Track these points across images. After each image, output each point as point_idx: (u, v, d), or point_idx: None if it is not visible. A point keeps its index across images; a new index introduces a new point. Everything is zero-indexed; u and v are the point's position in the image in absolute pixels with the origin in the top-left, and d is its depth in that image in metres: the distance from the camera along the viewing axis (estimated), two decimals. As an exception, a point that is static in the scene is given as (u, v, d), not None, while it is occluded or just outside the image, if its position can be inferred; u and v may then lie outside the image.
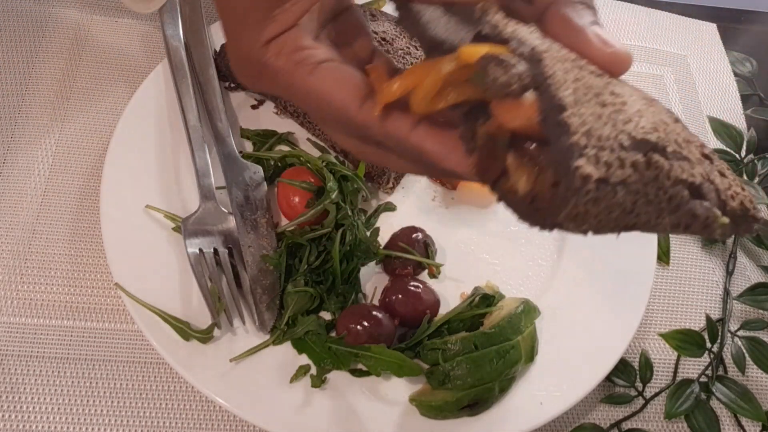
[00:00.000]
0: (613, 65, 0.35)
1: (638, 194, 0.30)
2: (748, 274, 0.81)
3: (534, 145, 0.32)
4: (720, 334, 0.73)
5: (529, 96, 0.31)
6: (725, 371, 0.74)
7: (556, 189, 0.29)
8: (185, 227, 0.66)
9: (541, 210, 0.31)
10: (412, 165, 0.42)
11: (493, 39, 0.34)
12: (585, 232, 0.31)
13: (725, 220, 0.32)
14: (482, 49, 0.33)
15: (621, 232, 0.32)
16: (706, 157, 0.34)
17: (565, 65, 0.33)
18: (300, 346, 0.63)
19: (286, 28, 0.39)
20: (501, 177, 0.34)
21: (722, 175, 0.34)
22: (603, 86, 0.32)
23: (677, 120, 0.36)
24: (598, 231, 0.31)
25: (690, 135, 0.35)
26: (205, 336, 0.61)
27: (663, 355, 0.74)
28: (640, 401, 0.70)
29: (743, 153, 0.89)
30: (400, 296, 0.66)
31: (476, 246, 0.75)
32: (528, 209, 0.32)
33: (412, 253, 0.69)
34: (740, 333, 0.74)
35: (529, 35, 0.34)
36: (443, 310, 0.67)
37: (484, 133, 0.34)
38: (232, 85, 0.80)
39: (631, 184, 0.30)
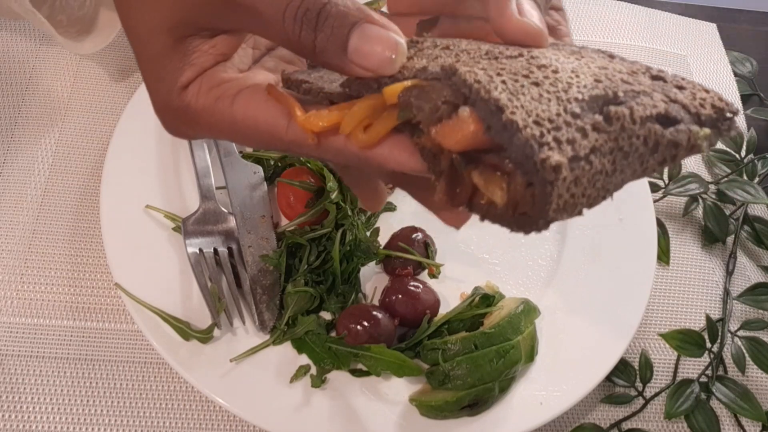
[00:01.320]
0: (526, 36, 0.35)
1: (613, 152, 0.29)
2: (748, 274, 0.81)
3: (491, 155, 0.31)
4: (720, 334, 0.73)
5: (464, 111, 0.30)
6: (725, 371, 0.74)
7: (533, 189, 0.29)
8: (185, 227, 0.66)
9: (527, 214, 0.30)
10: (359, 169, 0.41)
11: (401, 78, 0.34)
12: (580, 213, 0.30)
13: (706, 131, 0.31)
14: (399, 87, 0.33)
15: (613, 193, 0.31)
16: (657, 78, 0.33)
17: (481, 64, 0.32)
18: (300, 346, 0.63)
19: (204, 69, 0.38)
20: (473, 197, 0.32)
21: (681, 87, 0.33)
22: (527, 65, 0.32)
23: (612, 56, 0.36)
24: (591, 205, 0.30)
25: (632, 65, 0.34)
26: (205, 336, 0.61)
27: (663, 355, 0.74)
28: (640, 401, 0.70)
29: (743, 153, 0.89)
30: (400, 296, 0.66)
31: (476, 246, 0.75)
32: (515, 218, 0.31)
33: (412, 253, 0.69)
34: (740, 333, 0.74)
35: (434, 51, 0.35)
36: (443, 310, 0.67)
37: (443, 155, 0.33)
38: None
39: (602, 147, 0.29)
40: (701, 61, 1.00)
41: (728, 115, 0.32)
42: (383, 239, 0.71)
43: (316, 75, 0.39)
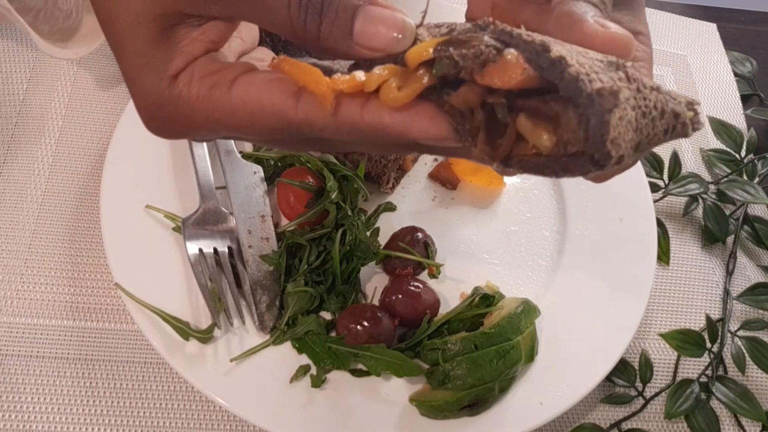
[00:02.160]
0: (617, 46, 0.34)
1: (636, 109, 0.30)
2: (748, 274, 0.81)
3: (534, 100, 0.31)
4: (720, 334, 0.73)
5: (510, 52, 0.31)
6: (725, 371, 0.74)
7: (587, 121, 0.29)
8: (185, 227, 0.66)
9: (578, 153, 0.30)
10: (371, 147, 0.39)
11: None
12: (621, 160, 0.29)
13: (690, 113, 0.32)
14: (427, 45, 0.32)
15: (644, 153, 0.32)
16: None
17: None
18: (300, 346, 0.63)
19: (195, 57, 0.36)
20: (513, 150, 0.32)
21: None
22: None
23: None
24: (631, 156, 0.30)
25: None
26: (205, 336, 0.61)
27: (663, 355, 0.74)
28: (640, 401, 0.70)
29: (743, 153, 0.89)
30: (400, 296, 0.66)
31: (476, 246, 0.75)
32: (566, 160, 0.30)
33: (412, 253, 0.69)
34: (740, 333, 0.74)
35: (441, 29, 0.34)
36: (443, 310, 0.67)
37: (479, 109, 0.33)
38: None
39: (629, 99, 0.30)
40: (701, 61, 1.00)
41: (696, 106, 0.33)
42: (383, 239, 0.71)
43: (311, 61, 0.38)
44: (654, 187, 0.82)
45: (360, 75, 0.33)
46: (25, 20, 0.68)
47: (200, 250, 0.65)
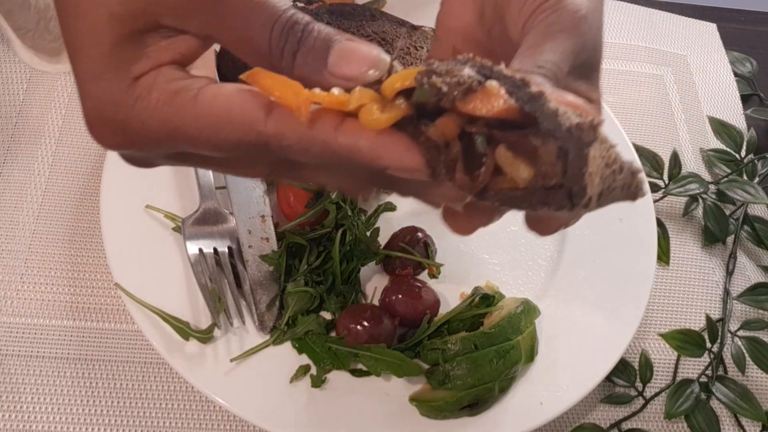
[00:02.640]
0: None
1: (602, 158, 0.30)
2: (748, 274, 0.81)
3: (512, 132, 0.31)
4: (720, 334, 0.73)
5: (492, 83, 0.31)
6: (725, 371, 0.74)
7: (566, 154, 0.29)
8: (185, 227, 0.66)
9: (558, 185, 0.30)
10: (337, 175, 0.37)
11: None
12: (598, 201, 0.30)
13: (638, 179, 0.33)
14: (407, 73, 0.32)
15: (603, 206, 0.32)
16: None
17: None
18: (300, 346, 0.63)
19: (160, 64, 0.34)
20: (489, 183, 0.32)
21: None
22: None
23: None
24: (606, 195, 0.30)
25: None
26: (205, 336, 0.61)
27: (663, 355, 0.74)
28: (640, 401, 0.70)
29: (743, 153, 0.89)
30: (400, 296, 0.66)
31: (476, 246, 0.75)
32: (543, 194, 0.31)
33: (412, 253, 0.69)
34: (740, 333, 0.74)
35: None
36: (443, 310, 0.67)
37: (455, 141, 0.32)
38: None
39: (597, 146, 0.30)
40: (701, 61, 1.00)
41: (640, 174, 0.33)
42: (383, 239, 0.71)
43: None
44: (654, 187, 0.82)
45: (341, 92, 0.32)
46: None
47: (200, 250, 0.65)
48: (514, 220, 0.79)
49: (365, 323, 0.63)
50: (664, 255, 0.80)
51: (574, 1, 0.39)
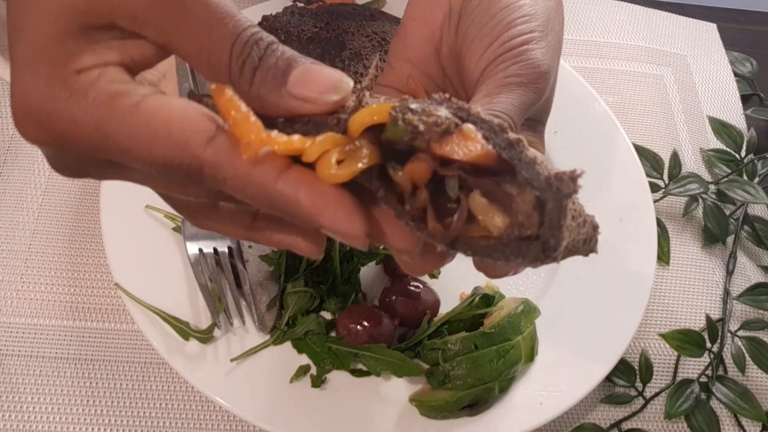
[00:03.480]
0: None
1: (570, 210, 0.30)
2: (748, 274, 0.81)
3: (486, 180, 0.30)
4: (720, 334, 0.73)
5: (468, 126, 0.30)
6: (725, 371, 0.74)
7: (543, 204, 0.28)
8: (185, 227, 0.66)
9: (534, 236, 0.29)
10: (267, 225, 0.35)
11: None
12: (570, 251, 0.30)
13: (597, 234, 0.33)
14: (379, 107, 0.30)
15: (565, 258, 0.32)
16: None
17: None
18: (300, 346, 0.63)
19: (107, 64, 0.32)
20: (464, 227, 0.31)
21: None
22: None
23: None
24: (576, 247, 0.31)
25: None
26: (205, 336, 0.61)
27: (663, 355, 0.74)
28: (640, 401, 0.70)
29: (743, 153, 0.89)
30: (400, 296, 0.66)
31: (476, 246, 0.75)
32: (517, 245, 0.29)
33: (412, 253, 0.69)
34: (740, 333, 0.74)
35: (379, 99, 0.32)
36: (443, 310, 0.67)
37: (422, 189, 0.30)
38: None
39: None
40: (701, 61, 1.00)
41: (598, 231, 0.34)
42: (383, 239, 0.71)
43: None
44: (654, 187, 0.82)
45: (300, 139, 0.30)
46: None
47: (200, 250, 0.65)
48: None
49: (365, 323, 0.63)
50: (664, 255, 0.80)
51: (536, 56, 0.38)
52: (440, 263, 0.37)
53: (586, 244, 0.31)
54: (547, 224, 0.28)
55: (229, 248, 0.67)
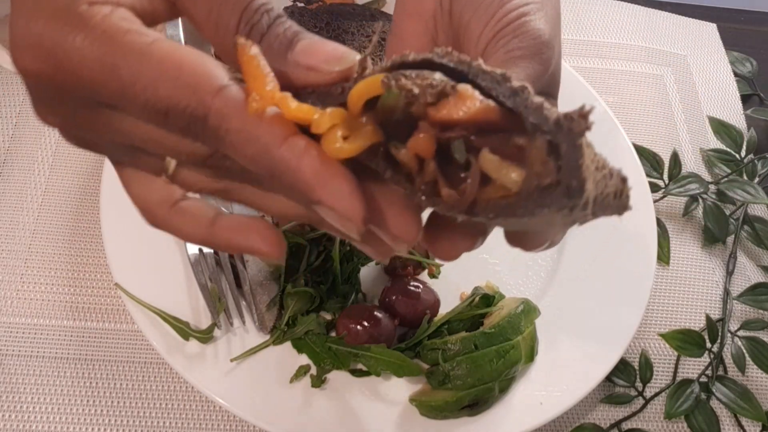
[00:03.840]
0: None
1: (593, 161, 0.29)
2: (748, 274, 0.81)
3: (492, 137, 0.28)
4: (720, 334, 0.73)
5: (464, 86, 0.29)
6: (725, 371, 0.74)
7: (558, 148, 0.27)
8: (185, 227, 0.66)
9: (554, 183, 0.27)
10: (258, 194, 0.34)
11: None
12: (592, 206, 0.27)
13: (628, 187, 0.31)
14: (371, 80, 0.29)
15: (596, 217, 0.30)
16: None
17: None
18: (300, 346, 0.63)
19: (119, 4, 0.30)
20: (479, 191, 0.29)
21: None
22: None
23: None
24: (594, 203, 0.28)
25: None
26: (205, 336, 0.61)
27: (663, 355, 0.74)
28: (640, 401, 0.70)
29: (743, 153, 0.89)
30: (400, 296, 0.66)
31: (476, 246, 0.75)
32: (539, 195, 0.28)
33: (412, 253, 0.69)
34: (740, 333, 0.74)
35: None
36: (443, 310, 0.67)
37: (430, 160, 0.29)
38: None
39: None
40: (701, 61, 1.00)
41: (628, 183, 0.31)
42: (383, 239, 0.71)
43: None
44: (654, 187, 0.82)
45: (310, 109, 0.29)
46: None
47: (200, 250, 0.65)
48: (514, 220, 0.79)
49: (365, 323, 0.63)
50: (664, 255, 0.80)
51: (536, 26, 0.37)
52: (471, 244, 0.36)
53: (617, 198, 0.29)
54: (564, 167, 0.27)
55: (229, 248, 0.67)
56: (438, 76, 0.29)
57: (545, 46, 0.37)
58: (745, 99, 0.98)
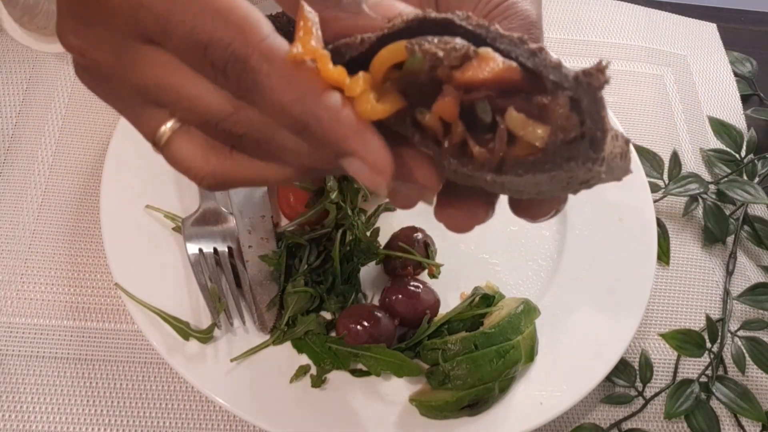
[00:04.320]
0: None
1: None
2: (748, 274, 0.81)
3: (515, 98, 0.30)
4: (720, 334, 0.73)
5: (485, 49, 0.30)
6: (725, 371, 0.74)
7: (579, 102, 0.28)
8: (185, 227, 0.66)
9: (579, 135, 0.29)
10: (289, 148, 0.33)
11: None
12: (608, 165, 0.29)
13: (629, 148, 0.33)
14: (395, 46, 0.30)
15: (608, 179, 0.31)
16: None
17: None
18: (300, 346, 0.63)
19: None
20: (506, 149, 0.31)
21: None
22: None
23: None
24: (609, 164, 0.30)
25: None
26: (205, 336, 0.61)
27: (663, 355, 0.74)
28: (640, 401, 0.70)
29: (743, 153, 0.89)
30: (400, 296, 0.66)
31: (476, 246, 0.75)
32: (566, 149, 0.29)
33: (412, 253, 0.69)
34: (740, 333, 0.74)
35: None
36: (443, 310, 0.67)
37: (457, 122, 0.31)
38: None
39: None
40: (701, 61, 1.00)
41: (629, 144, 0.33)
42: (383, 239, 0.71)
43: None
44: (654, 187, 0.82)
45: (344, 73, 0.30)
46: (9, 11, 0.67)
47: (200, 250, 0.65)
48: (514, 220, 0.79)
49: (365, 323, 0.63)
50: (664, 255, 0.80)
51: (524, 7, 0.38)
52: (483, 216, 0.36)
53: (623, 160, 0.31)
54: (588, 119, 0.28)
55: (229, 248, 0.67)
56: (459, 40, 0.30)
57: (534, 26, 0.38)
58: (745, 99, 0.98)
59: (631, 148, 0.31)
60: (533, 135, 0.30)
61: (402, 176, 0.33)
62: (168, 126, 0.35)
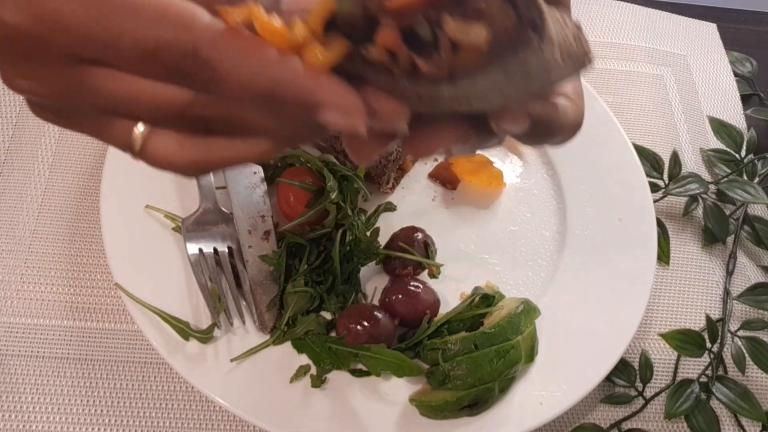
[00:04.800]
0: None
1: (555, 23, 0.31)
2: (748, 274, 0.81)
3: (445, 10, 0.30)
4: (720, 334, 0.73)
5: None
6: (725, 371, 0.74)
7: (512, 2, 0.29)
8: (185, 227, 0.66)
9: (517, 31, 0.29)
10: (237, 143, 0.33)
11: None
12: (565, 44, 0.30)
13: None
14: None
15: (576, 69, 0.32)
16: None
17: None
18: (300, 346, 0.63)
19: None
20: (453, 58, 0.31)
21: None
22: None
23: None
24: (562, 55, 0.30)
25: None
26: (205, 336, 0.61)
27: (663, 355, 0.74)
28: (640, 401, 0.70)
29: (743, 153, 0.89)
30: (400, 296, 0.66)
31: (476, 246, 0.75)
32: (510, 43, 0.30)
33: (412, 253, 0.69)
34: (740, 333, 0.74)
35: None
36: (443, 310, 0.67)
37: (401, 47, 0.31)
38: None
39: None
40: (701, 61, 1.00)
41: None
42: (383, 239, 0.71)
43: None
44: (654, 187, 0.82)
45: (281, 25, 0.30)
46: None
47: (200, 250, 0.65)
48: (514, 220, 0.79)
49: (365, 323, 0.63)
50: (664, 255, 0.80)
51: None
52: (385, 144, 0.35)
53: (578, 44, 0.31)
54: (521, 6, 0.29)
55: (229, 248, 0.67)
56: None
57: None
58: (745, 99, 0.98)
59: (584, 34, 0.31)
60: (474, 37, 0.30)
61: (369, 114, 0.32)
62: (139, 131, 0.35)
